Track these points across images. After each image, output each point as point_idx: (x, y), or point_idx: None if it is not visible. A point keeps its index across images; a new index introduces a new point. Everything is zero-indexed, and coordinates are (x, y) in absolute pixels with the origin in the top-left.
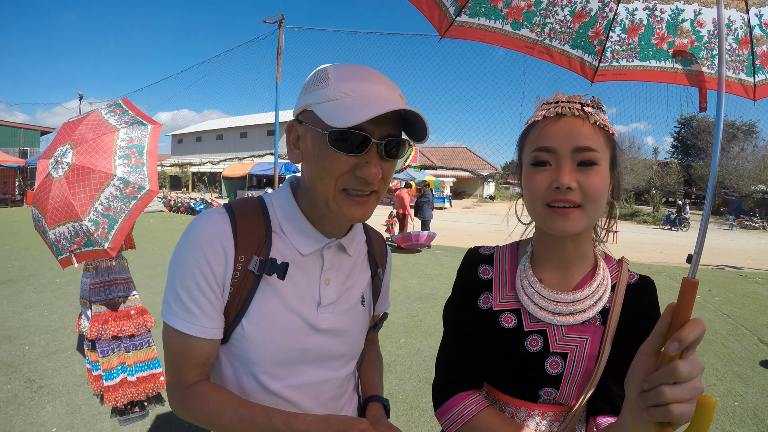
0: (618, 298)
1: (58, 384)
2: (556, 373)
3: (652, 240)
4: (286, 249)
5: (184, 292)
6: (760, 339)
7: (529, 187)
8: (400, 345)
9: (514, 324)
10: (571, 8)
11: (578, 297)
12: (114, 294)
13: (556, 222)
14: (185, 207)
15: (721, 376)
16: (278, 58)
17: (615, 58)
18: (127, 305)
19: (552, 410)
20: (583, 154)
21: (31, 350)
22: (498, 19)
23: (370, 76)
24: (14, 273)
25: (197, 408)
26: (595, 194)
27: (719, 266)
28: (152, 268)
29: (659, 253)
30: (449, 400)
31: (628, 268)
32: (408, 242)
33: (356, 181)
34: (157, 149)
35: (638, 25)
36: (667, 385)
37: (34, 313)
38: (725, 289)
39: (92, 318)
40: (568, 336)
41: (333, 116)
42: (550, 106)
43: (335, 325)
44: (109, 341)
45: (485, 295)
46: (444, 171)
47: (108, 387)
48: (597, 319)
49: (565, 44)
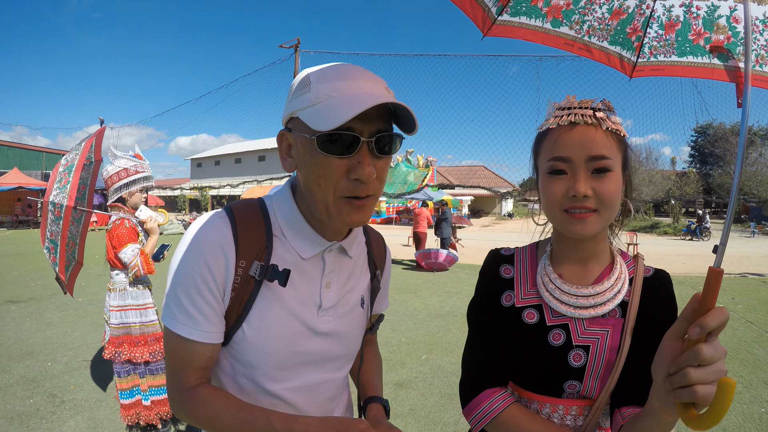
0: (636, 291)
1: (81, 399)
2: (579, 366)
3: (673, 251)
4: (287, 253)
5: (185, 297)
6: None
7: (546, 194)
8: (422, 362)
9: (536, 319)
10: (609, 5)
11: (597, 290)
12: (129, 320)
13: (574, 226)
14: None
15: (747, 384)
16: None
17: (653, 54)
18: (142, 331)
19: (576, 404)
20: (598, 162)
21: (53, 366)
22: (538, 18)
23: (352, 73)
24: (37, 292)
25: (198, 411)
26: (609, 199)
27: (742, 274)
28: None
29: (680, 264)
30: (476, 397)
31: (644, 263)
32: (428, 260)
33: (354, 186)
34: (86, 157)
35: (675, 22)
36: (691, 367)
37: (57, 331)
38: (749, 297)
39: (108, 340)
40: (589, 329)
41: (317, 120)
42: (563, 113)
43: (334, 327)
44: (122, 364)
45: (507, 293)
46: (462, 190)
47: (124, 405)
48: (617, 312)
49: (604, 41)
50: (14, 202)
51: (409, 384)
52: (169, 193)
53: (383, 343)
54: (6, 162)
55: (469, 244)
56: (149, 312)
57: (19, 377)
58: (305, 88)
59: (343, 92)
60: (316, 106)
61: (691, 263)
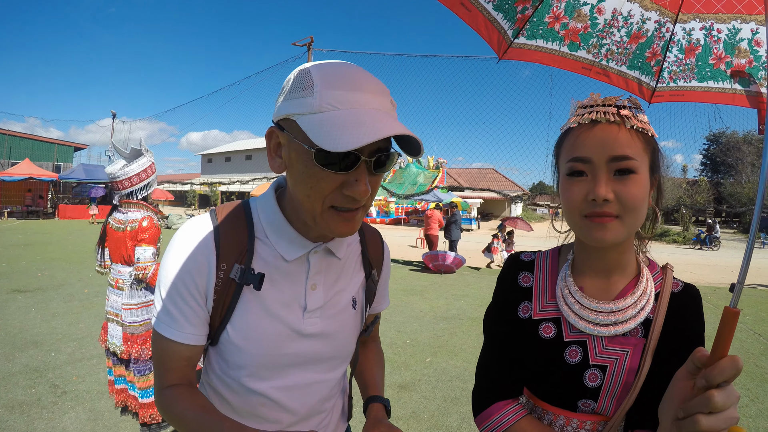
0: (661, 308)
1: (82, 391)
2: (594, 386)
3: (682, 260)
4: (270, 255)
5: (168, 298)
6: None
7: (566, 198)
8: (426, 364)
9: (553, 334)
10: (628, 29)
11: (620, 307)
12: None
13: (594, 233)
14: None
15: (753, 397)
16: None
17: (672, 79)
18: None
19: (590, 419)
20: (620, 163)
21: (57, 357)
22: (555, 41)
23: (359, 81)
24: (44, 282)
25: (170, 409)
26: (633, 204)
27: (751, 285)
28: None
29: (689, 273)
30: (488, 408)
31: (672, 276)
32: (435, 262)
33: (344, 199)
34: None
35: (695, 45)
36: (702, 415)
37: (62, 322)
38: (758, 308)
39: (130, 338)
40: (608, 348)
41: (321, 135)
42: (584, 111)
43: (322, 329)
44: (146, 361)
45: (525, 304)
46: (471, 192)
47: (144, 404)
48: (639, 331)
49: (622, 65)
50: (25, 193)
51: (412, 386)
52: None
53: (387, 344)
54: (18, 153)
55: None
56: None
57: (22, 366)
58: (306, 90)
59: (350, 105)
60: (319, 116)
61: (699, 273)
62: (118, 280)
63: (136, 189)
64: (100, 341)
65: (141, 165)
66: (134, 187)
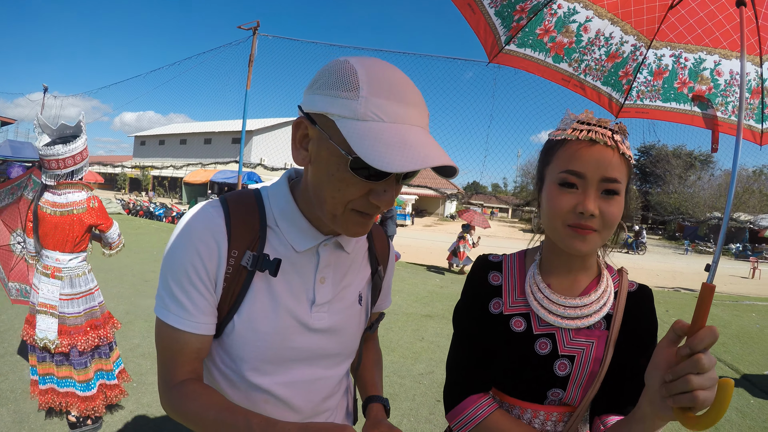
0: (620, 304)
1: (6, 390)
2: (564, 375)
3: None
4: (281, 245)
5: (176, 286)
6: (717, 357)
7: (552, 205)
8: None
9: (524, 328)
10: (607, 49)
11: (585, 302)
12: (94, 302)
13: (575, 242)
14: (144, 211)
15: None
16: (250, 66)
17: (640, 98)
18: (102, 311)
19: (557, 411)
20: (610, 184)
21: None
22: (542, 52)
23: (406, 92)
24: None
25: (183, 408)
26: (612, 221)
27: (676, 288)
28: (107, 271)
29: None
30: (460, 403)
31: (628, 278)
32: None
33: (368, 206)
34: None
35: (664, 70)
36: (693, 375)
37: None
38: (682, 310)
39: (69, 330)
40: (575, 339)
41: (365, 149)
42: (583, 128)
43: (330, 324)
44: (87, 354)
45: (495, 300)
46: (407, 188)
47: (85, 397)
48: (602, 324)
49: (597, 80)
50: None
51: None
52: (110, 170)
53: None
54: None
55: (410, 243)
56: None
57: None
58: (350, 91)
59: (395, 119)
60: (363, 125)
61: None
62: (56, 268)
63: (77, 168)
64: (24, 337)
65: (84, 142)
66: (76, 166)
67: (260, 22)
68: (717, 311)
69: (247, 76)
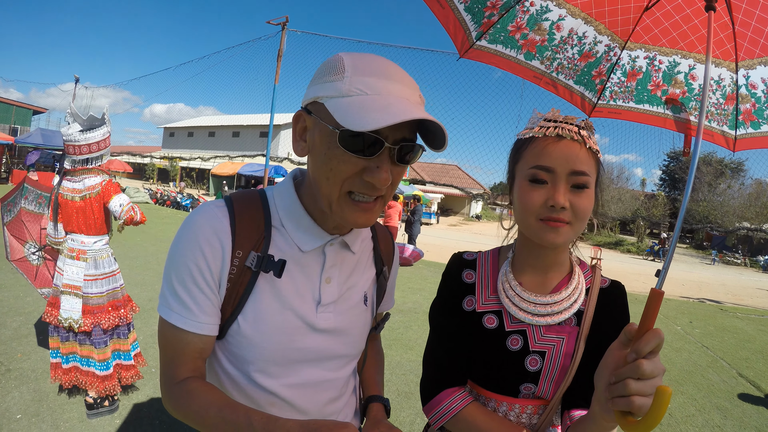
0: (591, 301)
1: (27, 369)
2: (535, 370)
3: (635, 269)
4: (286, 245)
5: (180, 286)
6: (738, 372)
7: (523, 201)
8: None
9: (496, 325)
10: (580, 48)
11: (555, 299)
12: (118, 283)
13: (547, 235)
14: (171, 201)
15: (699, 407)
16: (278, 60)
17: (613, 98)
18: (122, 293)
19: (531, 404)
20: (578, 177)
21: (1, 332)
22: (513, 49)
23: (390, 71)
24: None
25: (185, 406)
26: (583, 214)
27: (701, 299)
28: (133, 259)
29: (641, 283)
30: (436, 396)
31: (600, 274)
32: None
33: (363, 185)
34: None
35: (638, 71)
36: (632, 380)
37: (9, 294)
38: (706, 322)
39: (92, 310)
40: (546, 336)
41: (347, 116)
42: (549, 125)
43: (335, 324)
44: (108, 332)
45: (469, 297)
46: (433, 187)
47: (103, 377)
48: (572, 320)
49: (570, 79)
50: None
51: None
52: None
53: None
54: None
55: (434, 242)
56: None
57: None
58: (337, 75)
59: (378, 91)
60: (346, 99)
61: (651, 283)
62: (81, 251)
63: (93, 156)
64: (46, 318)
65: (103, 133)
66: (92, 155)
67: (289, 18)
68: (741, 325)
69: (276, 71)
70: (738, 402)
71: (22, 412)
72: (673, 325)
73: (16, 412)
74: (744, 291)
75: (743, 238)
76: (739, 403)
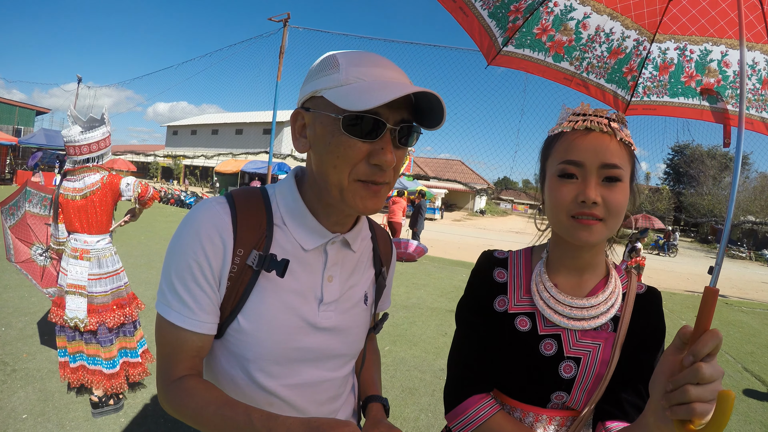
0: (628, 306)
1: (32, 369)
2: (569, 377)
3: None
4: (288, 243)
5: (179, 283)
6: (744, 367)
7: (554, 197)
8: (384, 353)
9: (529, 327)
10: (609, 45)
11: (592, 303)
12: (122, 281)
13: (580, 233)
14: (175, 199)
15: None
16: (281, 57)
17: (646, 94)
18: (127, 291)
19: (559, 415)
20: (610, 170)
21: (7, 332)
22: (541, 52)
23: (381, 61)
24: None
25: (182, 404)
26: (617, 209)
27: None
28: (137, 257)
29: (646, 278)
30: (463, 402)
31: (636, 279)
32: (397, 249)
33: (371, 170)
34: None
35: (669, 64)
36: (691, 385)
37: (14, 294)
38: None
39: (97, 308)
40: (581, 341)
41: (348, 100)
42: (578, 119)
43: (336, 323)
44: (113, 331)
45: (500, 297)
46: (437, 182)
47: (110, 374)
48: (609, 326)
49: (601, 78)
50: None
51: None
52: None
53: None
54: None
55: (438, 237)
56: (125, 274)
57: None
58: (333, 68)
59: (374, 77)
60: (346, 87)
61: (656, 278)
62: (84, 250)
63: (94, 156)
64: (52, 318)
65: (102, 133)
66: (92, 154)
67: (291, 14)
68: (746, 319)
69: (278, 68)
70: (743, 397)
71: (28, 412)
72: (678, 319)
73: (21, 412)
74: (749, 285)
75: (748, 231)
76: (743, 398)
